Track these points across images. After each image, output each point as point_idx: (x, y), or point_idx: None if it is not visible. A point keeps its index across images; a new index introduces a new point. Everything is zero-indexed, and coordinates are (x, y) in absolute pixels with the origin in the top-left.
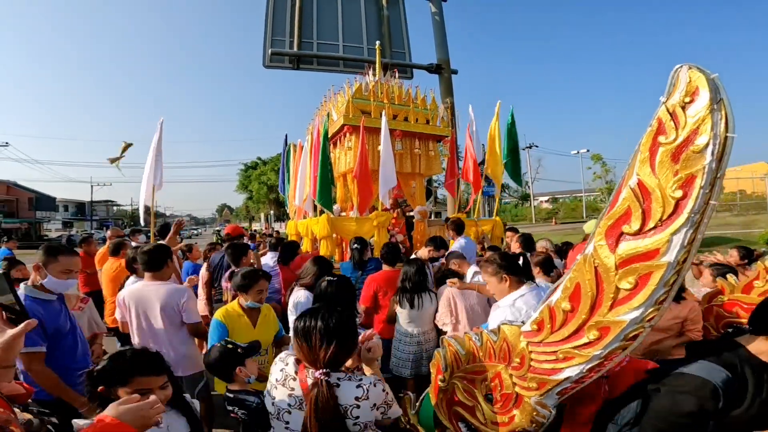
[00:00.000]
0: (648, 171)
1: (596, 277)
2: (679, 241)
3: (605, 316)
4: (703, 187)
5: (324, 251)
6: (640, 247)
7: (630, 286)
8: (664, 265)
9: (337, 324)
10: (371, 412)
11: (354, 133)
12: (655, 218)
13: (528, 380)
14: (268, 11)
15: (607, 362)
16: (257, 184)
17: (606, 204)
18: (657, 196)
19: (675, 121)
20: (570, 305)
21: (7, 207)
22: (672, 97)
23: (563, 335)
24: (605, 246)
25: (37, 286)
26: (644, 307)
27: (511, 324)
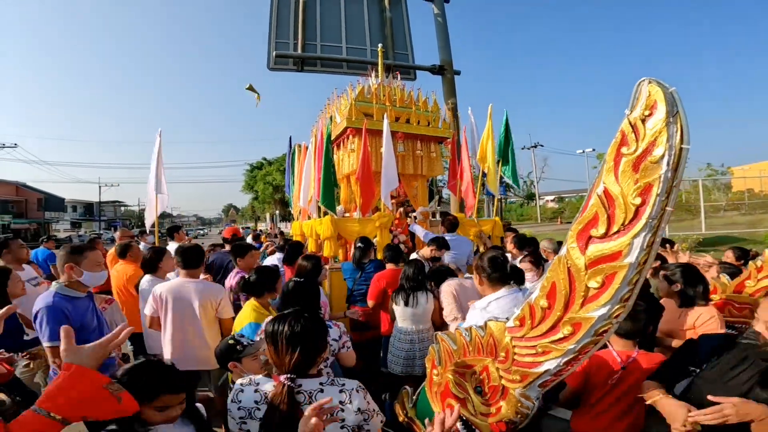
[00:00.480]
0: (612, 179)
1: (569, 277)
2: (640, 244)
3: (577, 313)
4: (660, 194)
5: (327, 252)
6: (606, 249)
7: (598, 285)
8: (626, 265)
9: (302, 330)
10: (356, 416)
11: (357, 135)
12: (618, 223)
13: (512, 373)
14: (272, 14)
15: (581, 356)
16: (263, 184)
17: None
18: (620, 203)
19: (636, 133)
20: (547, 302)
21: (17, 208)
22: (634, 110)
23: (542, 330)
24: (576, 248)
25: (68, 284)
26: (611, 305)
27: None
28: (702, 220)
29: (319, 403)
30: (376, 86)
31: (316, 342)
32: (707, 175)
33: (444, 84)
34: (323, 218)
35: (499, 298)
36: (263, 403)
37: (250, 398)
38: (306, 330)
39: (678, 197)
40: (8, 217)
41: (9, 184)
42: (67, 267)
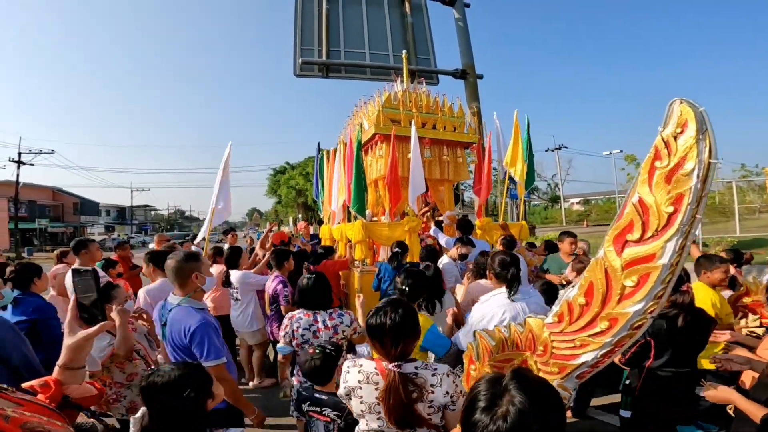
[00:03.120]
0: (647, 190)
1: (606, 277)
2: (672, 247)
3: (614, 309)
4: (690, 203)
5: (359, 255)
6: (641, 252)
7: (633, 284)
8: (659, 266)
9: (401, 320)
10: (443, 398)
11: (385, 141)
12: (652, 228)
13: (550, 365)
14: (297, 22)
15: (617, 348)
16: (286, 188)
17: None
18: (654, 211)
19: (668, 149)
20: (585, 300)
21: (53, 212)
22: (667, 127)
23: (580, 326)
24: (613, 251)
25: (192, 295)
26: (645, 301)
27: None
28: (736, 222)
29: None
30: (402, 92)
31: (415, 330)
32: (741, 176)
33: (467, 88)
34: (354, 223)
35: (498, 294)
36: (365, 382)
37: (355, 378)
38: (404, 321)
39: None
40: (45, 221)
41: (46, 189)
42: (195, 276)
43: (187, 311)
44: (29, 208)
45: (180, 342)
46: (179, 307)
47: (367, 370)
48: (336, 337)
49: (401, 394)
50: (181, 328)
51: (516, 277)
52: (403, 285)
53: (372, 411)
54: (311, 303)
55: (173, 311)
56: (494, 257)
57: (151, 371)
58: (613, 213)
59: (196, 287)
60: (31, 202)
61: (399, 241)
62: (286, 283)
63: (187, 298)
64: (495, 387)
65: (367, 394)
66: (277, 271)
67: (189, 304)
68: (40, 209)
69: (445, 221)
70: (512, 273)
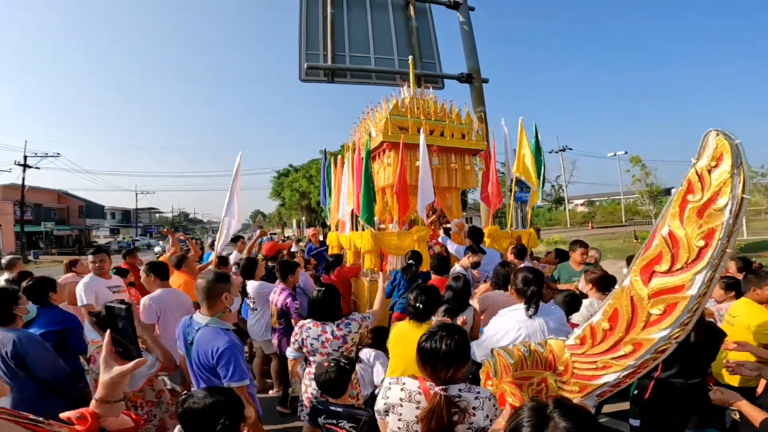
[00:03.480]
0: (677, 224)
1: (631, 304)
2: (701, 279)
3: (638, 335)
4: (721, 239)
5: (368, 265)
6: (669, 283)
7: (660, 312)
8: (688, 297)
9: (456, 347)
10: (483, 421)
11: (393, 149)
12: (682, 261)
13: (571, 384)
14: (301, 26)
15: (641, 370)
16: (289, 191)
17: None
18: (684, 244)
19: (702, 183)
20: (609, 325)
21: (59, 215)
22: (701, 160)
23: (602, 349)
24: (639, 281)
25: (220, 315)
26: (671, 328)
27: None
28: (743, 223)
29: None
30: (410, 99)
31: (467, 355)
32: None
33: (472, 92)
34: (363, 233)
35: (517, 309)
36: (407, 400)
37: (396, 395)
38: (459, 347)
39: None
40: (51, 224)
41: (51, 192)
42: (224, 296)
43: (216, 332)
44: (35, 211)
45: (206, 362)
46: (207, 328)
47: (410, 388)
48: (345, 346)
49: (444, 417)
50: (209, 349)
51: (536, 294)
52: (416, 302)
53: (410, 429)
54: (320, 315)
55: (201, 331)
56: (517, 273)
57: (186, 395)
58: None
59: (224, 308)
60: (37, 205)
61: (414, 252)
62: (294, 295)
63: (215, 318)
64: (539, 415)
65: (407, 413)
66: (283, 284)
67: (217, 324)
68: (46, 212)
69: (453, 229)
70: (533, 290)
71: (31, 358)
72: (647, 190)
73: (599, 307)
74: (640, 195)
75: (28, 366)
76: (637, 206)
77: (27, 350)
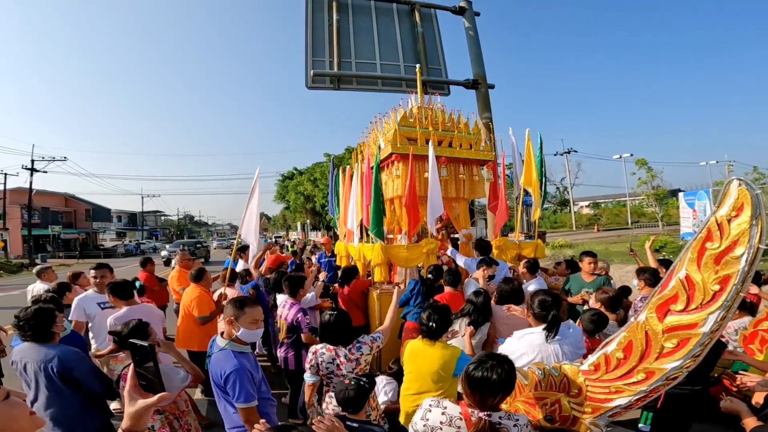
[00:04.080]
0: (695, 268)
1: (646, 338)
2: (714, 318)
3: (651, 364)
4: (736, 284)
5: (378, 278)
6: (683, 320)
7: (673, 346)
8: (700, 333)
9: (506, 376)
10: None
11: (401, 161)
12: (697, 302)
13: (584, 406)
14: (307, 33)
15: (652, 394)
16: (294, 194)
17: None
18: (700, 287)
19: (721, 231)
20: (623, 354)
21: (66, 218)
22: (722, 208)
23: (616, 375)
24: (655, 317)
25: (234, 339)
26: (683, 360)
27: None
28: None
29: None
30: (417, 109)
31: (513, 385)
32: (753, 179)
33: (478, 98)
34: (374, 245)
35: (533, 333)
36: (447, 424)
37: (437, 418)
38: (508, 377)
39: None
40: (58, 227)
41: (59, 196)
42: (228, 321)
43: (227, 355)
44: (42, 214)
45: (218, 382)
46: (223, 351)
47: (451, 413)
48: (359, 368)
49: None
50: (218, 371)
51: (556, 320)
52: (429, 321)
53: None
54: (332, 339)
55: (216, 354)
56: (534, 297)
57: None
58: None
59: (230, 334)
60: (45, 208)
61: (436, 266)
62: (305, 311)
63: (231, 342)
64: None
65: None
66: (292, 299)
67: (231, 347)
68: (53, 216)
69: (461, 239)
70: (553, 316)
71: (78, 371)
72: (653, 193)
73: (614, 338)
74: (646, 197)
75: (77, 379)
76: (643, 208)
77: (73, 365)
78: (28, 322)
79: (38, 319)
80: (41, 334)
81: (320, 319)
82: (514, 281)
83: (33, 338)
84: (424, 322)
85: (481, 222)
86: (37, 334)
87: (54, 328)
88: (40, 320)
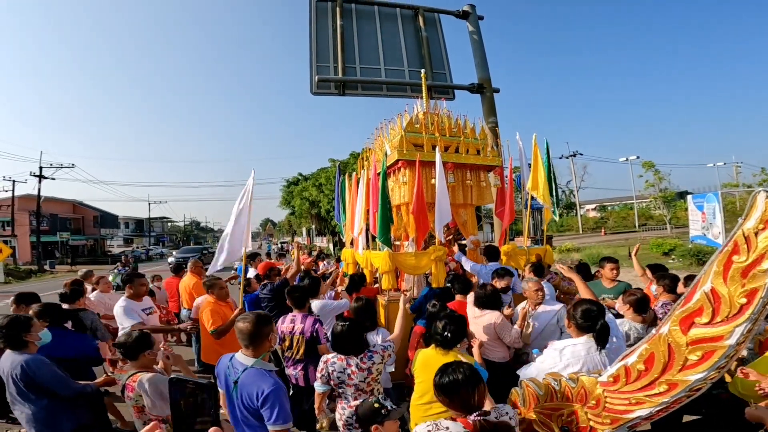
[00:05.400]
0: (720, 281)
1: (669, 350)
2: (740, 331)
3: (674, 376)
4: (763, 297)
5: (386, 285)
6: (708, 333)
7: (697, 358)
8: (726, 346)
9: (469, 374)
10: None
11: (408, 167)
12: (723, 315)
13: (602, 417)
14: (311, 38)
15: (674, 405)
16: (299, 199)
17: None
18: (726, 301)
19: (748, 245)
20: (644, 366)
21: (74, 225)
22: (749, 221)
23: (636, 387)
24: (678, 330)
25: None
26: (708, 372)
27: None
28: None
29: None
30: (423, 114)
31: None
32: (762, 181)
33: (483, 103)
34: (381, 253)
35: (576, 344)
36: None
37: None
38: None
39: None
40: (66, 234)
41: (67, 203)
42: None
43: (261, 374)
44: (51, 221)
45: (250, 404)
46: (253, 370)
47: (454, 430)
48: (370, 377)
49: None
50: (254, 391)
51: (606, 329)
52: (444, 331)
53: None
54: (344, 349)
55: (246, 372)
56: (577, 307)
57: None
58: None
59: (269, 348)
60: (53, 215)
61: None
62: (320, 320)
63: (259, 360)
64: None
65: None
66: (302, 311)
67: (261, 366)
68: (62, 222)
69: (468, 245)
70: (602, 325)
71: (40, 378)
72: (661, 195)
73: (634, 349)
74: (653, 200)
75: (40, 385)
76: (651, 211)
77: (34, 372)
78: (1, 330)
79: (10, 328)
80: (14, 342)
81: (332, 330)
82: (487, 286)
83: (7, 346)
84: (439, 332)
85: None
86: (10, 342)
87: (27, 337)
88: (12, 329)
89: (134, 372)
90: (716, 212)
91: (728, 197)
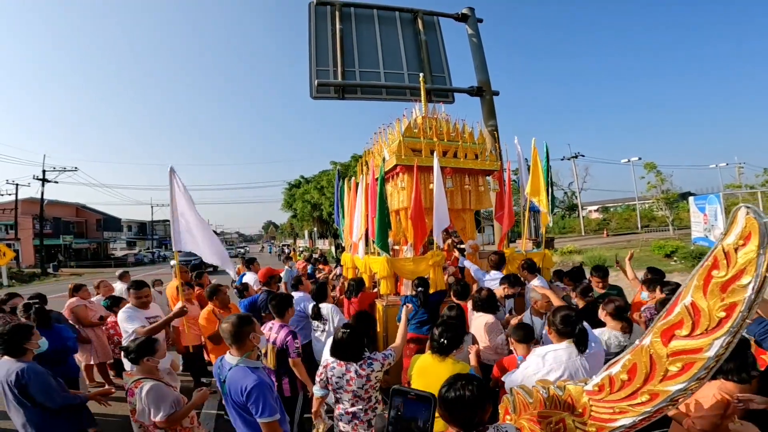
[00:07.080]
0: (700, 295)
1: (650, 361)
2: (719, 344)
3: (656, 386)
4: (742, 311)
5: (384, 290)
6: (688, 345)
7: (677, 369)
8: (705, 358)
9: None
10: None
11: (406, 172)
12: (702, 328)
13: (588, 425)
14: (311, 43)
15: (656, 415)
16: (301, 202)
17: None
18: (705, 314)
19: (728, 260)
20: (627, 376)
21: (77, 228)
22: (729, 237)
23: (620, 396)
24: (659, 342)
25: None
26: (688, 382)
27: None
28: None
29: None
30: (422, 119)
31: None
32: (765, 182)
33: (483, 106)
34: (379, 258)
35: (558, 350)
36: None
37: None
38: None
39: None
40: (69, 237)
41: (70, 206)
42: (252, 337)
43: (244, 371)
44: (54, 224)
45: (238, 399)
46: (237, 368)
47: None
48: (369, 384)
49: None
50: (238, 388)
51: (584, 333)
52: (441, 338)
53: None
54: (344, 355)
55: (232, 371)
56: (556, 313)
57: None
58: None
59: (252, 347)
60: (56, 219)
61: (420, 278)
62: (295, 334)
63: (244, 358)
64: None
65: None
66: (281, 320)
67: (245, 364)
68: (65, 226)
69: (467, 250)
70: (580, 330)
71: (32, 388)
72: (663, 197)
73: (618, 359)
74: (655, 201)
75: (32, 395)
76: (653, 212)
77: (27, 381)
78: (1, 337)
79: (11, 335)
80: (13, 349)
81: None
82: (483, 290)
83: (6, 353)
84: (436, 338)
85: (488, 228)
86: (9, 350)
87: (27, 345)
88: (13, 336)
89: (138, 378)
90: (718, 214)
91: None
